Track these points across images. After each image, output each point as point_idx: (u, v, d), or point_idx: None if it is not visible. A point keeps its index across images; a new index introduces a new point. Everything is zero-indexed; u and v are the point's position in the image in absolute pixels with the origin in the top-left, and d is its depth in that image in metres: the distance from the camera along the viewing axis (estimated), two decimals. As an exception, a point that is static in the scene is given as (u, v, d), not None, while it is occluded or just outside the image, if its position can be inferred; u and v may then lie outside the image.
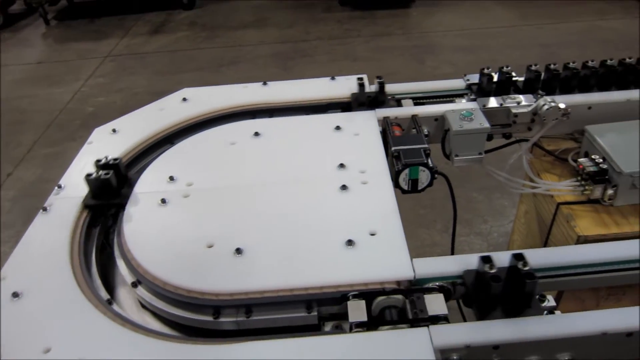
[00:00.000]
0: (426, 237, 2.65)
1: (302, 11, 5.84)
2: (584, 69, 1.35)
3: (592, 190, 1.19)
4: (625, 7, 5.38)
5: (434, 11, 5.60)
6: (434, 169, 1.10)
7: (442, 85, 1.45)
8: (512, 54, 4.52)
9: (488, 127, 1.19)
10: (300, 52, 4.85)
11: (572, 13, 5.30)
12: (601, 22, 5.09)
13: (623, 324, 0.80)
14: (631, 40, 4.68)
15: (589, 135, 1.24)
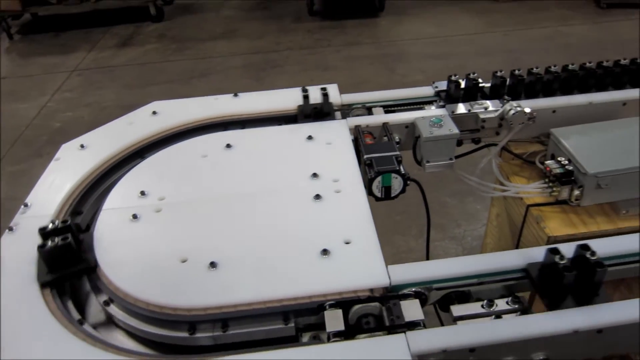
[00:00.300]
0: (402, 244, 2.67)
1: (272, 22, 5.85)
2: (547, 73, 1.39)
3: (560, 191, 1.22)
4: (585, 14, 5.57)
5: (402, 20, 5.68)
6: (406, 175, 1.11)
7: (411, 92, 1.47)
8: (479, 60, 4.62)
9: (457, 133, 1.21)
10: (271, 63, 4.85)
11: (535, 20, 5.46)
12: (563, 28, 5.25)
13: (595, 322, 0.82)
14: (591, 45, 4.84)
15: (554, 138, 1.28)
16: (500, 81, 1.37)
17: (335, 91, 1.44)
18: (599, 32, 5.14)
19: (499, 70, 1.39)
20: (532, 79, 1.38)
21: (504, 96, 1.34)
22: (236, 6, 6.46)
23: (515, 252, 0.97)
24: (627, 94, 1.38)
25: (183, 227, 1.01)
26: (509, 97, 1.33)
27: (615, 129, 1.29)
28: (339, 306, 0.83)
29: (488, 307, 0.86)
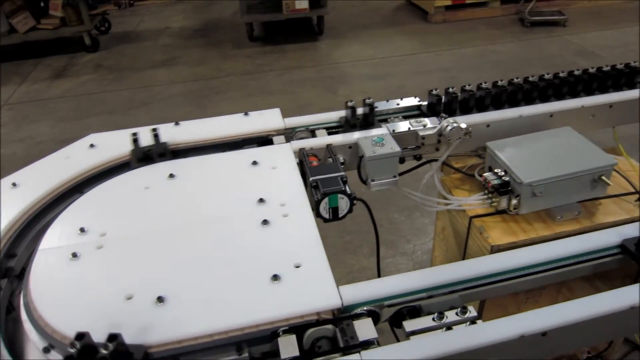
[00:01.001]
0: (354, 263, 2.69)
1: (212, 48, 5.84)
2: (479, 90, 1.46)
3: (499, 201, 1.27)
4: (511, 33, 5.91)
5: (341, 43, 5.82)
6: (352, 195, 1.12)
7: (352, 113, 1.49)
8: (417, 79, 4.79)
9: (399, 151, 1.25)
10: (213, 89, 4.82)
11: (466, 40, 5.74)
12: (492, 46, 5.55)
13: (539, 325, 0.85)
14: (519, 61, 5.14)
15: (490, 150, 1.34)
16: (436, 99, 1.43)
17: (277, 115, 1.44)
18: (525, 49, 5.46)
19: (434, 89, 1.45)
20: (465, 95, 1.45)
21: (441, 113, 1.40)
22: (175, 34, 6.41)
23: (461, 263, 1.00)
24: (553, 106, 1.46)
25: (127, 262, 0.97)
26: (446, 114, 1.38)
27: (544, 139, 1.37)
28: (293, 331, 0.82)
29: (439, 319, 0.88)
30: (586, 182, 1.26)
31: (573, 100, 1.49)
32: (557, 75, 1.52)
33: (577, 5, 6.76)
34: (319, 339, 0.83)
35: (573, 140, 1.36)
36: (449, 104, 1.44)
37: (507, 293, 1.05)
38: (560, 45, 5.54)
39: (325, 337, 0.83)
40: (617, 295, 0.92)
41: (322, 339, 0.83)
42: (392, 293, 0.90)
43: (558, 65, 4.88)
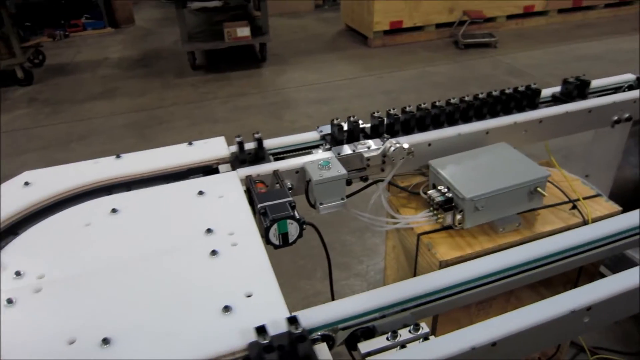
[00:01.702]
0: (309, 288, 2.67)
1: (153, 78, 5.75)
2: (419, 111, 1.51)
3: (444, 217, 1.31)
4: (447, 55, 6.19)
5: (285, 69, 5.89)
6: (302, 220, 1.12)
7: (299, 138, 1.51)
8: (360, 103, 4.90)
9: (345, 173, 1.26)
10: (156, 120, 4.73)
11: (405, 62, 5.95)
12: (430, 68, 5.78)
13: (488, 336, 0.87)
14: (456, 81, 5.37)
15: (433, 169, 1.38)
16: (379, 121, 1.46)
17: (222, 144, 1.43)
18: (461, 70, 5.73)
19: (376, 111, 1.48)
20: (406, 116, 1.49)
21: (384, 134, 1.43)
22: (114, 65, 6.27)
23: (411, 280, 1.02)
24: (488, 124, 1.54)
25: (68, 304, 0.92)
26: (388, 135, 1.42)
27: (482, 155, 1.43)
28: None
29: (392, 338, 0.88)
30: (523, 194, 1.32)
31: (506, 117, 1.57)
32: (490, 94, 1.60)
33: (505, 27, 7.18)
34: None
35: (509, 155, 1.42)
36: (391, 126, 1.48)
37: (458, 307, 1.07)
38: (493, 65, 5.85)
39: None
40: (559, 300, 0.96)
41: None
42: (346, 315, 0.90)
43: (492, 84, 5.14)
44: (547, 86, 1.82)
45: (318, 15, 8.31)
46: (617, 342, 2.27)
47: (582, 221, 1.37)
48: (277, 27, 7.38)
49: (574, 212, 1.40)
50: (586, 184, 1.54)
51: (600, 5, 7.74)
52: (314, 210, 1.33)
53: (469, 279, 1.05)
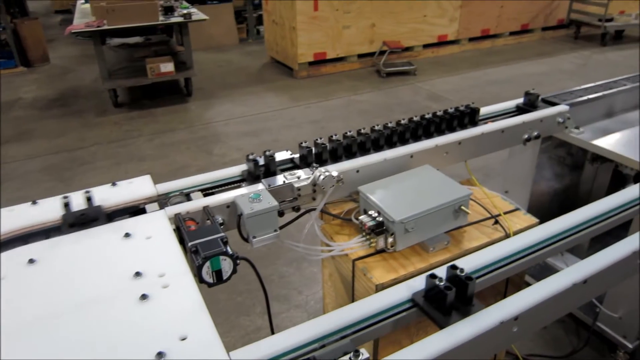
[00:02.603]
0: (249, 324, 2.61)
1: (72, 118, 5.50)
2: (346, 138, 1.54)
3: (377, 241, 1.34)
4: (370, 83, 6.42)
5: (212, 103, 5.85)
6: (235, 255, 1.10)
7: (228, 172, 1.49)
8: (290, 133, 4.95)
9: (276, 205, 1.26)
10: (77, 161, 4.51)
11: (331, 92, 6.11)
12: (355, 96, 5.96)
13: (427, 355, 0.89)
14: (381, 108, 5.57)
15: (363, 194, 1.41)
16: (307, 151, 1.48)
17: (148, 182, 1.39)
18: (384, 97, 5.95)
19: (304, 141, 1.50)
20: (334, 145, 1.52)
21: (313, 164, 1.45)
22: (28, 105, 5.94)
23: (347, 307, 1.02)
24: (412, 148, 1.60)
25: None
26: (317, 164, 1.44)
27: (408, 178, 1.48)
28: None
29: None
30: (449, 213, 1.37)
31: (428, 140, 1.64)
32: (411, 119, 1.67)
33: (422, 56, 7.59)
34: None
35: (433, 177, 1.49)
36: (320, 154, 1.51)
37: (396, 328, 1.09)
38: (414, 91, 6.14)
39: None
40: (488, 313, 1.00)
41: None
42: (285, 349, 0.89)
43: (414, 110, 5.39)
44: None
45: (243, 48, 8.38)
46: (547, 347, 2.39)
47: (504, 235, 1.45)
48: (202, 62, 7.36)
49: (496, 227, 1.48)
50: (506, 199, 1.63)
51: (505, 34, 8.39)
52: (248, 244, 1.31)
53: (405, 299, 1.07)
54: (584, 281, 1.12)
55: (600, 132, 2.12)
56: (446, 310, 0.99)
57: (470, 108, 1.76)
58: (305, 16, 6.36)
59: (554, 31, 8.92)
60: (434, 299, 1.02)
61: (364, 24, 6.86)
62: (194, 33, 6.83)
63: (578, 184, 2.63)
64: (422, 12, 7.30)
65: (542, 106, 1.99)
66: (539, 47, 8.25)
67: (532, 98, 1.99)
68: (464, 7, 7.66)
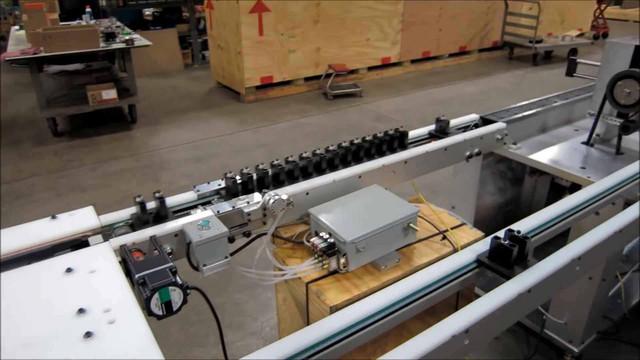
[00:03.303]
0: (203, 355, 2.53)
1: (8, 149, 5.23)
2: (295, 161, 1.55)
3: (329, 263, 1.34)
4: (318, 106, 6.50)
5: (158, 129, 5.73)
6: (185, 285, 1.07)
7: (175, 200, 1.46)
8: (239, 157, 4.91)
9: (226, 231, 1.24)
10: (13, 194, 4.28)
11: (278, 115, 6.13)
12: (303, 119, 6.01)
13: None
14: (328, 130, 5.64)
15: (313, 216, 1.41)
16: (256, 175, 1.47)
17: (91, 214, 1.33)
18: (332, 119, 6.04)
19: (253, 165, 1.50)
20: (283, 168, 1.52)
21: (262, 188, 1.44)
22: (-42, 138, 5.62)
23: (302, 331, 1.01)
24: (359, 168, 1.62)
25: None
26: (267, 189, 1.43)
27: (358, 198, 1.50)
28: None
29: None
30: (399, 231, 1.40)
31: (375, 160, 1.67)
32: (359, 140, 1.70)
33: (367, 78, 7.78)
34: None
35: (381, 196, 1.51)
36: (268, 178, 1.50)
37: (353, 349, 1.09)
38: (360, 113, 6.27)
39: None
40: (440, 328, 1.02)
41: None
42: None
43: (361, 131, 5.48)
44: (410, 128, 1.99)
45: (188, 74, 8.30)
46: (500, 357, 2.45)
47: (452, 249, 1.49)
48: (147, 88, 7.22)
49: (445, 242, 1.51)
50: (452, 214, 1.68)
51: (445, 56, 8.76)
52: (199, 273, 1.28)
53: (359, 319, 1.07)
54: (529, 290, 1.17)
55: (536, 147, 2.24)
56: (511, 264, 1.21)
57: (399, 132, 1.80)
58: (251, 41, 6.40)
59: (489, 52, 9.39)
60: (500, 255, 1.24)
61: (309, 48, 6.97)
62: (137, 59, 6.72)
63: (519, 197, 2.75)
64: (365, 36, 7.51)
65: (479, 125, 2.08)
66: (477, 68, 8.65)
67: (443, 125, 2.00)
68: (405, 30, 7.95)
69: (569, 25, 10.39)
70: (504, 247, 1.22)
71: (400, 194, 1.56)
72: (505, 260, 1.23)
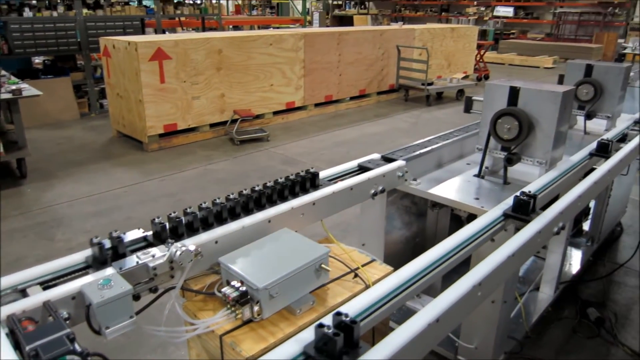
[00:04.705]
0: None
1: None
2: (201, 210, 1.51)
3: (242, 312, 1.30)
4: (225, 152, 6.45)
5: (52, 184, 5.34)
6: (85, 352, 0.99)
7: (72, 259, 1.35)
8: (144, 208, 4.70)
9: (130, 289, 1.17)
10: None
11: (185, 163, 5.99)
12: (211, 166, 5.92)
13: None
14: (237, 175, 5.60)
15: (224, 265, 1.38)
16: (161, 227, 1.42)
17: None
18: (240, 164, 6.01)
19: (156, 217, 1.44)
20: (189, 218, 1.48)
21: (168, 240, 1.39)
22: None
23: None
24: (269, 213, 1.62)
25: None
26: (172, 240, 1.38)
27: (268, 244, 1.49)
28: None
29: None
30: (311, 273, 1.40)
31: (284, 204, 1.68)
32: (266, 185, 1.70)
33: (273, 122, 7.90)
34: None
35: (292, 239, 1.52)
36: (175, 229, 1.45)
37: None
38: (269, 156, 6.31)
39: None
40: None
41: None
42: None
43: (270, 174, 5.51)
44: (318, 170, 2.03)
45: (85, 124, 7.89)
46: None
47: (365, 286, 1.51)
48: (38, 140, 6.75)
49: (357, 280, 1.54)
50: (362, 252, 1.72)
51: (347, 99, 9.16)
52: (101, 337, 1.18)
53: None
54: (437, 320, 1.21)
55: (435, 182, 2.38)
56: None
57: (310, 173, 1.84)
58: (152, 89, 6.26)
59: (387, 95, 9.98)
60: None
61: (213, 94, 6.96)
62: (28, 110, 6.30)
63: (424, 229, 2.88)
64: (269, 82, 7.66)
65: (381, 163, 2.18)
66: (377, 109, 9.13)
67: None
68: (307, 76, 8.23)
69: (455, 68, 11.38)
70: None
71: (311, 235, 1.58)
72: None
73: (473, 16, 17.64)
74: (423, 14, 22.21)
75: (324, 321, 1.09)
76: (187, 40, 6.58)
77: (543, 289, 2.98)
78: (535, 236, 1.66)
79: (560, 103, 2.14)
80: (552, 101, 2.16)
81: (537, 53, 16.04)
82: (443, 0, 21.65)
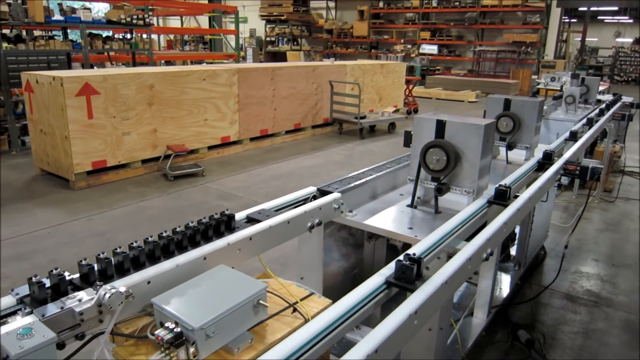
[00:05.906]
0: None
1: None
2: (132, 250, 1.45)
3: (178, 354, 1.25)
4: (158, 188, 6.26)
5: (-35, 228, 4.94)
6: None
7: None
8: (70, 250, 4.44)
9: (54, 337, 1.09)
10: None
11: (114, 201, 5.75)
12: (143, 203, 5.72)
13: None
14: (172, 212, 5.44)
15: (157, 306, 1.32)
16: (88, 269, 1.34)
17: None
18: (175, 200, 5.85)
19: (83, 259, 1.37)
20: (119, 258, 1.42)
21: (96, 282, 1.32)
22: None
23: None
24: (204, 250, 1.58)
25: None
26: (101, 282, 1.31)
27: (204, 281, 1.45)
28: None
29: None
30: (249, 310, 1.38)
31: (219, 240, 1.65)
32: (200, 221, 1.67)
33: (208, 157, 7.79)
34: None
35: (228, 276, 1.49)
36: (104, 271, 1.38)
37: None
38: (204, 192, 6.19)
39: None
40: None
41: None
42: None
43: (206, 210, 5.40)
44: (255, 204, 2.03)
45: (5, 162, 7.41)
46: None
47: (304, 320, 1.50)
48: (-51, 181, 6.25)
49: (296, 315, 1.53)
50: (301, 286, 1.72)
51: (282, 133, 9.24)
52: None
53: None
54: (376, 350, 1.22)
55: (370, 213, 2.43)
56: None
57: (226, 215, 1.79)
58: (79, 124, 6.02)
59: (322, 128, 10.16)
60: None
61: (145, 130, 6.79)
62: (-63, 149, 5.84)
63: (362, 260, 2.92)
64: (203, 117, 7.59)
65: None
66: (312, 143, 9.26)
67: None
68: (242, 110, 8.24)
69: (386, 102, 11.82)
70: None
71: (249, 270, 1.55)
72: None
73: (401, 53, 18.50)
74: (354, 50, 23.09)
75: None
76: (116, 75, 6.42)
77: (477, 314, 3.08)
78: (466, 263, 1.73)
79: (483, 135, 2.28)
80: (476, 133, 2.29)
81: (461, 88, 17.05)
82: (372, 39, 22.63)
